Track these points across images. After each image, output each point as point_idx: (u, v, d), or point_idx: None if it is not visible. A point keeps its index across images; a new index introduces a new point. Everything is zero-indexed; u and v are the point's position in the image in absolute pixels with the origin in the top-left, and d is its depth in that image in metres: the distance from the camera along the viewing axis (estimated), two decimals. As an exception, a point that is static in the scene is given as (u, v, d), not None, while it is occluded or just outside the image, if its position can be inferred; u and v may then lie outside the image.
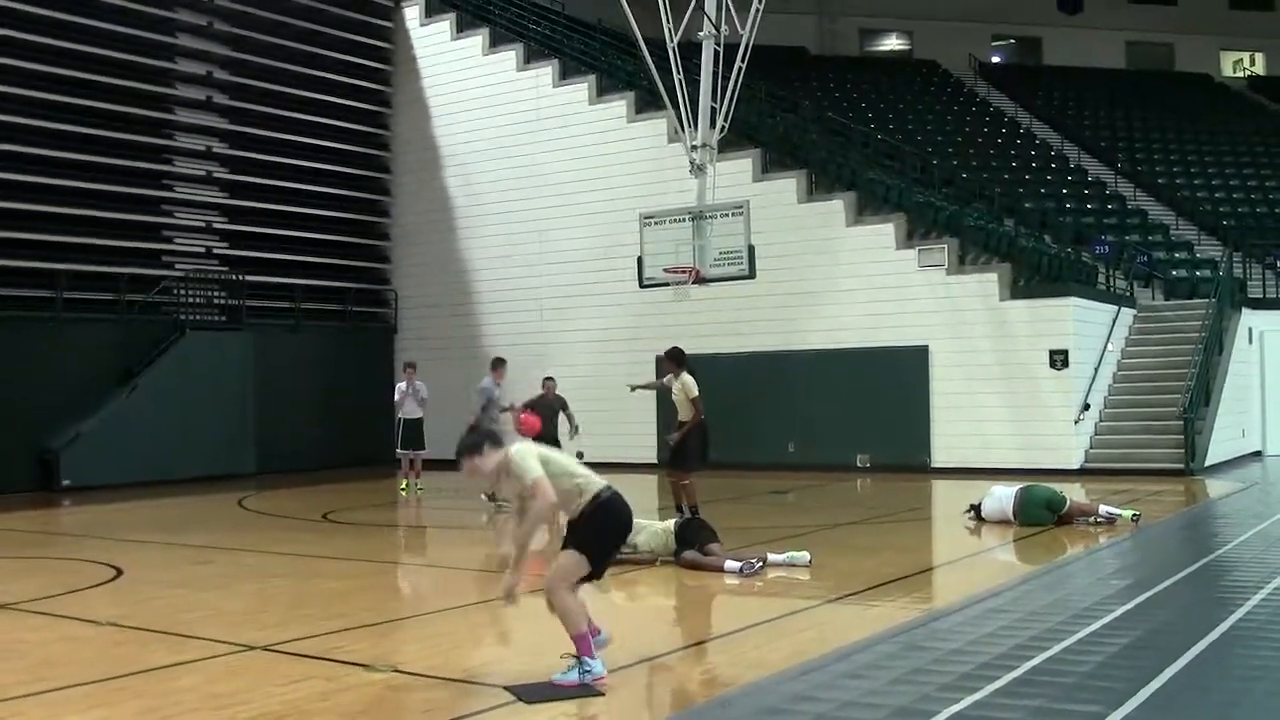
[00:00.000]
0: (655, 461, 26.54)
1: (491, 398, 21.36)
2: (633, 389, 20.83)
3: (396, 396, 23.38)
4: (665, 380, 17.22)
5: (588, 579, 7.56)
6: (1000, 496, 15.97)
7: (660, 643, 9.10)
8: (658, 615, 11.14)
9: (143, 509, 21.38)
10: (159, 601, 11.45)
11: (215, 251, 30.09)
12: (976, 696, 6.93)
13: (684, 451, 16.74)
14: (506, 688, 7.30)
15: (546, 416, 21.00)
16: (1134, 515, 15.75)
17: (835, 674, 7.72)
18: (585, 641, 7.46)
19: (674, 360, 16.93)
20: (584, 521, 7.44)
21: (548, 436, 21.08)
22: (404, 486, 23.12)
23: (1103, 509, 15.82)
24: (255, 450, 28.45)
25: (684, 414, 16.73)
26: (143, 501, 22.31)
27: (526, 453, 7.30)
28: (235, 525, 18.90)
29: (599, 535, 7.54)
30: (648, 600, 11.76)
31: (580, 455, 19.80)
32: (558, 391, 21.64)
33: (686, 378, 16.61)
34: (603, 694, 7.37)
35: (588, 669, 7.41)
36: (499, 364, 22.02)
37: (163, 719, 7.05)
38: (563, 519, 7.53)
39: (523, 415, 21.04)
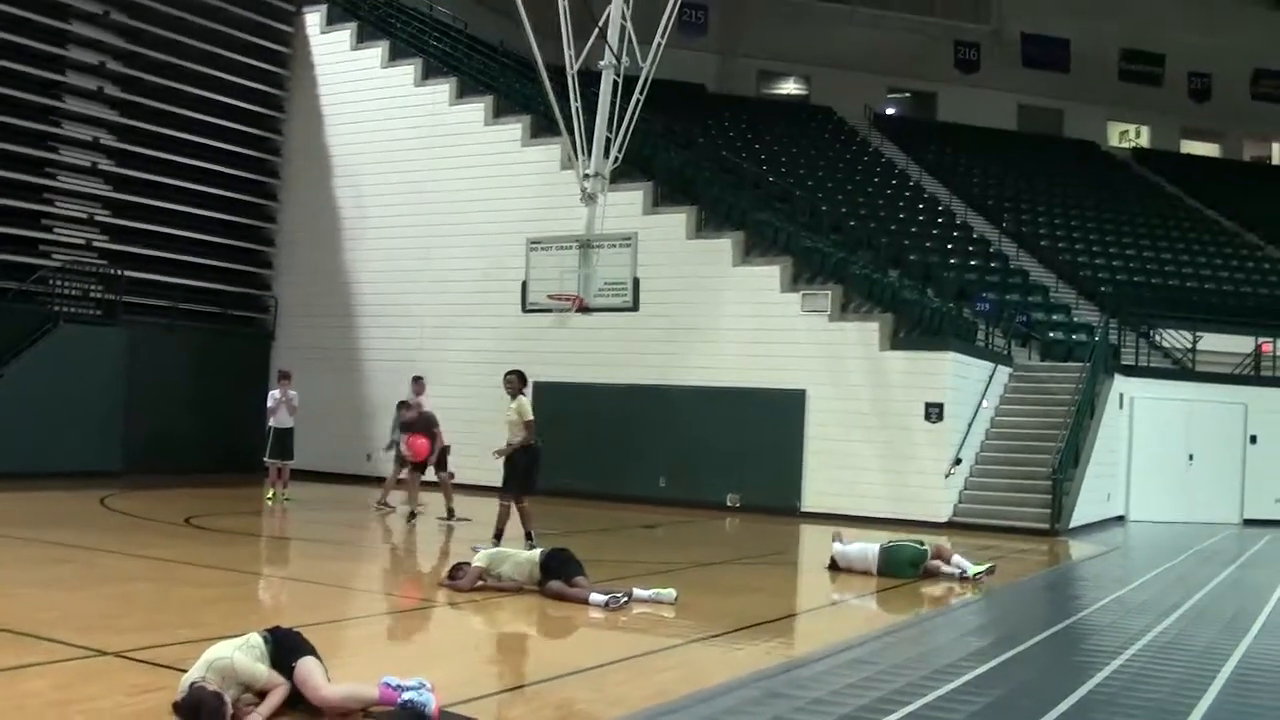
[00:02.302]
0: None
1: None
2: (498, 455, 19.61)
3: (269, 404, 23.01)
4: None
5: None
6: (855, 556, 15.91)
7: (519, 674, 9.01)
8: (518, 645, 11.05)
9: (0, 502, 20.83)
10: (10, 600, 11.13)
11: (95, 244, 29.46)
12: (836, 748, 6.89)
13: (512, 475, 16.81)
14: (379, 718, 7.17)
15: (428, 432, 20.92)
16: (977, 574, 15.50)
17: (696, 716, 7.67)
18: (386, 695, 7.33)
19: (517, 380, 17.03)
20: (282, 655, 7.42)
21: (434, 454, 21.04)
22: (270, 495, 22.77)
23: (956, 559, 15.87)
24: (122, 448, 27.80)
25: (513, 435, 16.81)
26: (1, 494, 21.73)
27: (240, 657, 7.26)
28: (96, 525, 18.49)
29: (303, 645, 7.56)
30: (509, 629, 11.66)
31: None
32: (426, 406, 21.53)
33: (523, 400, 16.77)
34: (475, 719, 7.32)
35: (413, 705, 7.29)
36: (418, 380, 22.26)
37: (4, 725, 6.83)
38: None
39: (409, 440, 20.88)
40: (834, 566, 16.03)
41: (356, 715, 7.20)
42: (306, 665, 7.30)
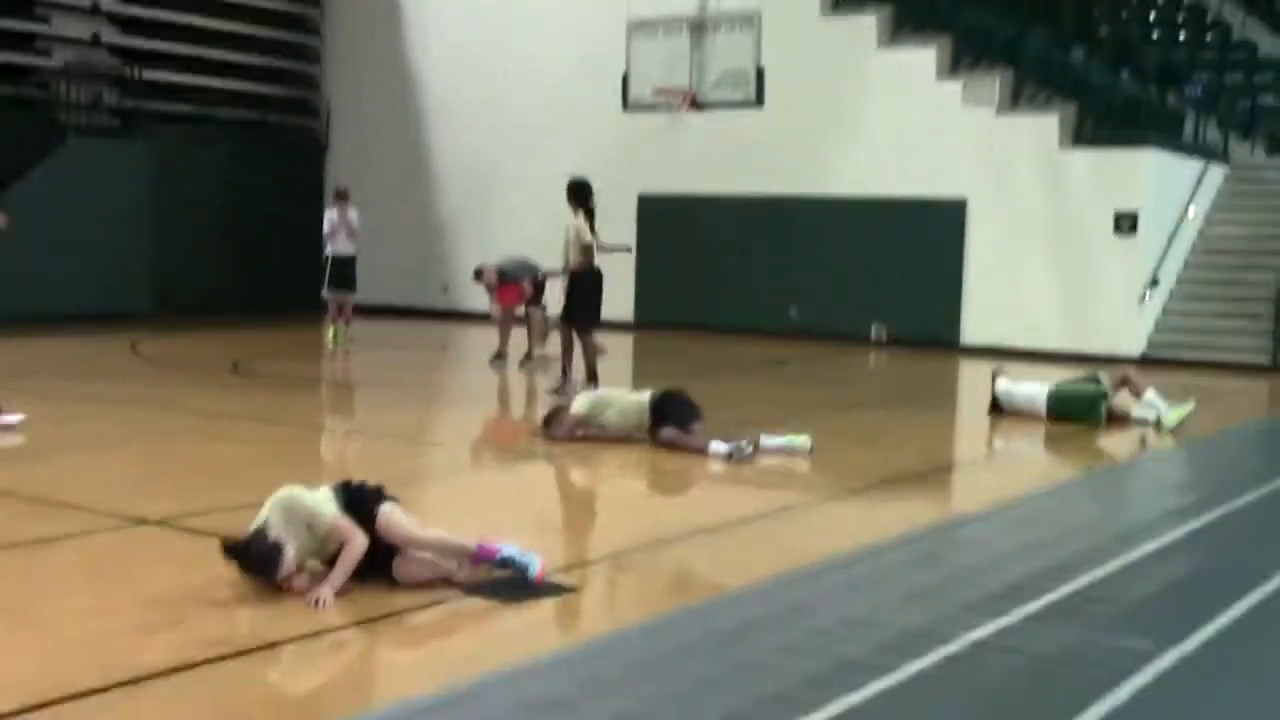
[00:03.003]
0: (632, 320, 26.61)
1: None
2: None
3: (325, 228, 23.22)
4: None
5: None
6: (1022, 399, 15.85)
7: (628, 536, 9.18)
8: (626, 503, 11.24)
9: (14, 350, 21.31)
10: (34, 463, 11.51)
11: (104, 40, 29.52)
12: (1003, 622, 7.00)
13: (573, 302, 16.98)
14: (468, 590, 7.42)
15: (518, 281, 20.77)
16: (1177, 421, 15.25)
17: (835, 585, 7.83)
18: (484, 552, 7.58)
19: (572, 195, 17.10)
20: (357, 505, 7.59)
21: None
22: (330, 335, 23.09)
23: (1149, 396, 15.49)
24: (152, 285, 28.10)
25: (572, 261, 16.96)
26: (13, 341, 22.22)
27: (309, 496, 7.49)
28: (127, 374, 18.92)
29: (381, 491, 7.79)
30: (615, 484, 11.91)
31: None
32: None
33: (581, 219, 16.80)
34: (574, 589, 7.57)
35: (514, 563, 7.58)
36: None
37: (38, 602, 7.14)
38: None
39: (499, 291, 20.83)
40: (996, 409, 16.08)
41: (436, 584, 7.44)
42: (389, 509, 7.53)
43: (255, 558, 7.13)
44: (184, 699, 5.70)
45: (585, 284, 16.99)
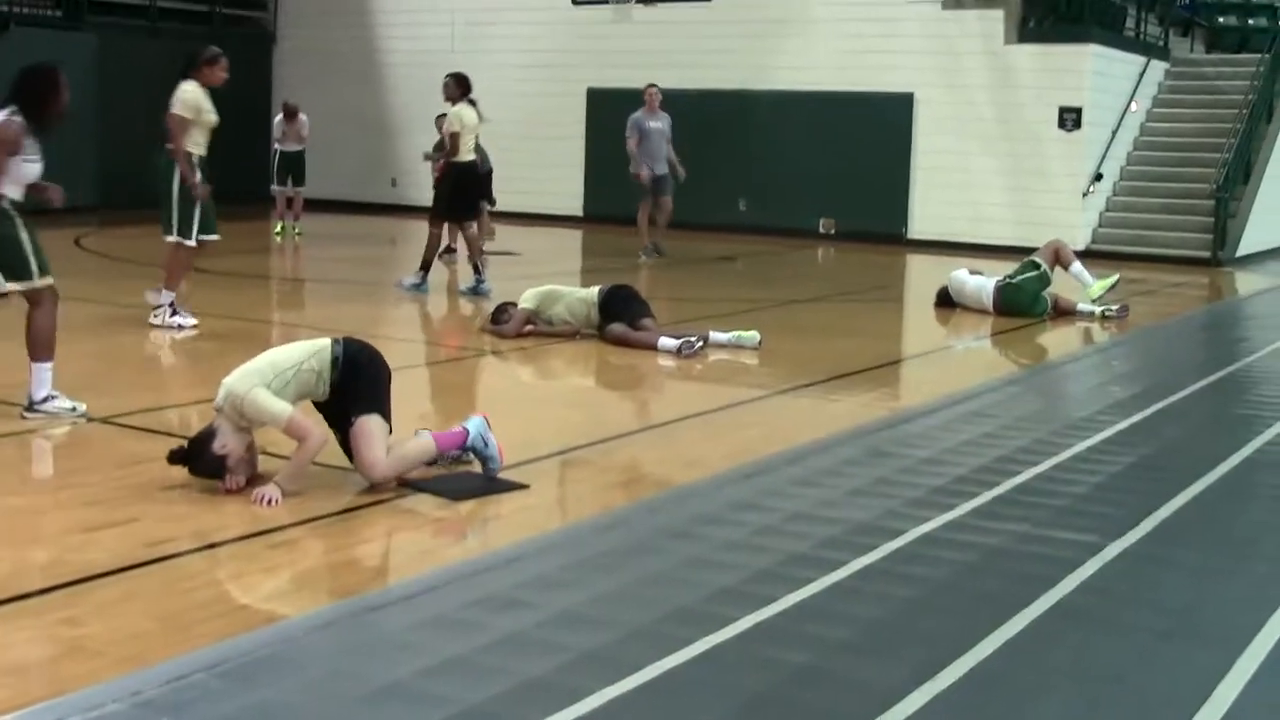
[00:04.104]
0: (582, 214, 26.48)
1: (643, 129, 21.49)
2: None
3: (275, 133, 23.04)
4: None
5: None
6: (971, 291, 15.85)
7: (578, 432, 9.12)
8: (575, 400, 11.19)
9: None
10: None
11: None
12: (950, 516, 7.01)
13: (437, 196, 17.26)
14: (419, 487, 7.33)
15: None
16: (1104, 290, 15.90)
17: (785, 479, 7.80)
18: (448, 441, 7.52)
19: (457, 84, 17.01)
20: (346, 388, 7.33)
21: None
22: (279, 229, 22.94)
23: (1075, 268, 16.06)
24: (97, 179, 27.73)
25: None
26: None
27: (258, 393, 7.07)
28: (72, 269, 18.54)
29: (373, 386, 7.48)
30: (564, 381, 11.85)
31: None
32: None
33: (454, 110, 16.74)
34: (526, 486, 7.48)
35: (478, 454, 7.53)
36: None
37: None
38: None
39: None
40: (944, 303, 16.07)
41: (391, 482, 7.35)
42: (368, 426, 7.23)
43: (202, 467, 7.03)
44: (128, 599, 5.59)
45: (449, 177, 16.95)
